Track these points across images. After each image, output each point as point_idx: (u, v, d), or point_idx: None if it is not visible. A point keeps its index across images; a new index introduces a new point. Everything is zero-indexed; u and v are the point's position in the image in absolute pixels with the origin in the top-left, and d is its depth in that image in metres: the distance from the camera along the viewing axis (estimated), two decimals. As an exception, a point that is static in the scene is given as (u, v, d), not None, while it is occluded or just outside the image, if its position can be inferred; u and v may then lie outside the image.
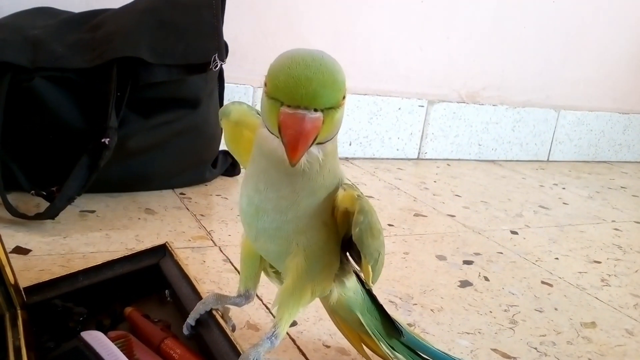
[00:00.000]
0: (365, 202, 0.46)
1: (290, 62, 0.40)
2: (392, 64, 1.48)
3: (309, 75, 0.39)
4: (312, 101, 0.39)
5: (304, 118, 0.39)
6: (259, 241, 0.49)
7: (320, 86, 0.39)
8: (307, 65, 0.39)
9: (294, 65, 0.39)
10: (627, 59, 1.86)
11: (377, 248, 0.47)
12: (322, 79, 0.39)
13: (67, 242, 0.78)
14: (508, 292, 0.81)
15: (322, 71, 0.39)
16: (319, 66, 0.39)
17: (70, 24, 0.97)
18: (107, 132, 0.86)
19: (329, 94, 0.39)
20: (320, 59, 0.40)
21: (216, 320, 0.51)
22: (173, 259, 0.60)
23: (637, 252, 1.06)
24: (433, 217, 1.10)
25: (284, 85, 0.39)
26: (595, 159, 1.91)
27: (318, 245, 0.47)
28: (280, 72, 0.39)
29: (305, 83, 0.39)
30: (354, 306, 0.54)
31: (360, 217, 0.45)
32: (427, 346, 0.57)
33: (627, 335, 0.74)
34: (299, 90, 0.39)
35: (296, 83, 0.39)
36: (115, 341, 0.50)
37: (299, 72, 0.39)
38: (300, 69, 0.39)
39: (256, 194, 0.46)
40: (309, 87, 0.39)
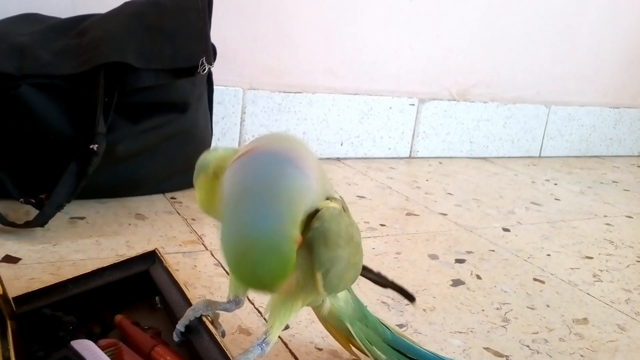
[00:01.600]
0: (329, 211, 0.45)
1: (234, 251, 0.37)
2: (383, 63, 1.49)
3: (256, 272, 0.36)
4: (264, 289, 0.38)
5: None
6: None
7: (268, 282, 0.37)
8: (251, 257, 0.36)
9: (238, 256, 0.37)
10: (617, 54, 1.87)
11: (330, 259, 0.45)
12: (269, 276, 0.37)
13: (57, 249, 0.77)
14: (500, 290, 0.81)
15: (267, 265, 0.36)
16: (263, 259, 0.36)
17: (56, 30, 0.96)
18: (95, 138, 0.85)
19: (280, 279, 0.37)
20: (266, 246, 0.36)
21: (206, 326, 0.51)
22: (163, 265, 0.60)
23: (629, 247, 1.07)
24: (425, 216, 1.10)
25: (235, 272, 0.38)
26: (586, 154, 1.92)
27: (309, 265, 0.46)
28: (230, 259, 0.37)
29: (251, 278, 0.37)
30: (343, 316, 0.54)
31: (316, 222, 0.44)
32: (416, 348, 0.57)
33: (619, 331, 0.74)
34: (248, 283, 0.38)
35: (244, 275, 0.37)
36: (106, 349, 0.50)
37: (245, 271, 0.37)
38: (243, 261, 0.36)
39: None
40: (257, 282, 0.37)
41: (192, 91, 0.99)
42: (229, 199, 0.38)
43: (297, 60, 1.38)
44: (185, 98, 0.98)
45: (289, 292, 0.48)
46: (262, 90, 1.33)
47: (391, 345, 0.56)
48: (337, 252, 0.46)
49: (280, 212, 0.37)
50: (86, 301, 0.58)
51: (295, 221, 0.38)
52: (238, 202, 0.38)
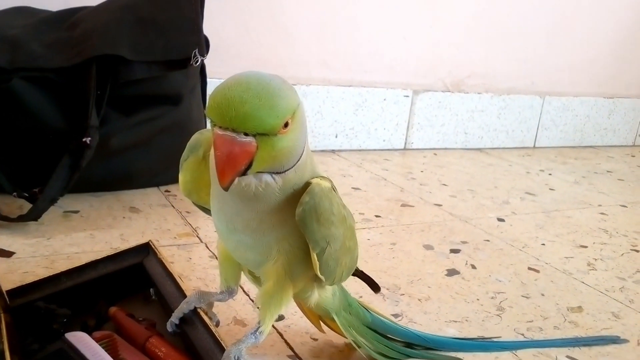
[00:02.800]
0: (319, 186, 0.44)
1: (232, 82, 0.38)
2: (377, 54, 1.48)
3: (244, 97, 0.37)
4: (241, 124, 0.37)
5: (232, 141, 0.37)
6: (238, 251, 0.49)
7: (254, 109, 0.37)
8: (247, 87, 0.37)
9: (234, 86, 0.38)
10: (611, 44, 1.87)
11: (324, 236, 0.45)
12: (257, 103, 0.37)
13: (51, 243, 0.77)
14: (495, 280, 0.81)
15: (261, 95, 0.37)
16: (258, 89, 0.37)
17: (48, 23, 0.96)
18: (88, 131, 0.85)
19: (262, 119, 0.37)
20: (265, 83, 0.38)
21: (200, 317, 0.51)
22: (157, 257, 0.60)
23: (623, 236, 1.07)
24: (420, 206, 1.10)
25: (217, 105, 0.37)
26: (581, 144, 1.92)
27: (300, 249, 0.47)
28: (218, 92, 0.38)
29: (237, 105, 0.37)
30: (329, 307, 0.55)
31: (306, 197, 0.43)
32: (392, 325, 0.59)
33: (613, 319, 0.74)
34: (229, 111, 0.37)
35: (228, 104, 0.37)
36: (100, 341, 0.50)
37: (234, 93, 0.37)
38: (237, 90, 0.37)
39: (224, 215, 0.46)
40: (240, 109, 0.37)
41: (185, 83, 0.98)
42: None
43: (291, 52, 1.37)
44: (178, 90, 0.98)
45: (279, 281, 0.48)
46: (256, 82, 1.32)
47: (371, 327, 0.58)
48: (330, 230, 0.45)
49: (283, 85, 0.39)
50: (80, 294, 0.57)
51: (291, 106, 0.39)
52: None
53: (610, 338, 0.69)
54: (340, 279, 0.52)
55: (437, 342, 0.61)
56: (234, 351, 0.46)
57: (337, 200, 0.47)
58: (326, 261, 0.46)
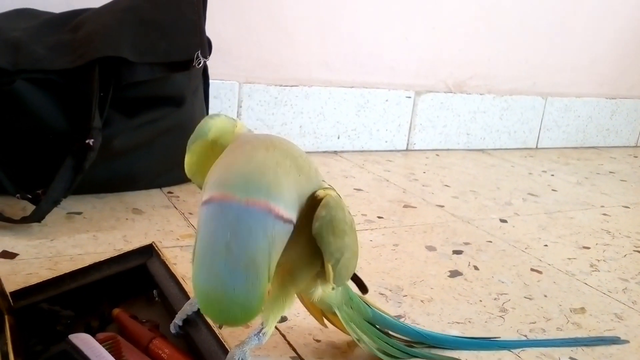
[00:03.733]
0: (333, 198, 0.44)
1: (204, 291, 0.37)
2: (378, 55, 1.48)
3: (222, 310, 0.37)
4: (233, 324, 0.39)
5: None
6: None
7: (233, 320, 0.38)
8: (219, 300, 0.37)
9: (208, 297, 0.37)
10: (613, 44, 1.87)
11: (339, 248, 0.45)
12: (235, 316, 0.37)
13: (55, 244, 0.77)
14: (498, 281, 0.81)
15: (234, 310, 0.37)
16: (231, 303, 0.37)
17: (51, 25, 0.96)
18: (91, 132, 0.85)
19: (242, 320, 0.38)
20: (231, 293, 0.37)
21: (204, 318, 0.51)
22: (160, 258, 0.60)
23: (626, 237, 1.07)
24: (422, 208, 1.10)
25: (205, 308, 0.38)
26: (583, 145, 1.92)
27: (302, 255, 0.47)
28: (198, 296, 0.38)
29: (221, 315, 0.38)
30: (332, 302, 0.55)
31: (323, 211, 0.43)
32: (392, 321, 0.60)
33: (616, 320, 0.74)
34: (217, 318, 0.39)
35: (214, 313, 0.38)
36: (104, 343, 0.50)
37: (213, 309, 0.38)
38: (215, 305, 0.37)
39: None
40: (227, 318, 0.38)
41: (187, 85, 0.99)
42: (202, 244, 0.38)
43: (293, 54, 1.38)
44: (181, 92, 0.98)
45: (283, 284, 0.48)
46: (258, 83, 1.32)
47: (371, 322, 0.59)
48: (344, 240, 0.46)
49: (254, 274, 0.37)
50: (84, 295, 0.58)
51: (267, 277, 0.38)
52: (212, 252, 0.37)
53: (611, 339, 0.69)
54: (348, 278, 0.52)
55: (436, 339, 0.62)
56: (238, 353, 0.46)
57: (346, 208, 0.47)
58: (339, 271, 0.47)
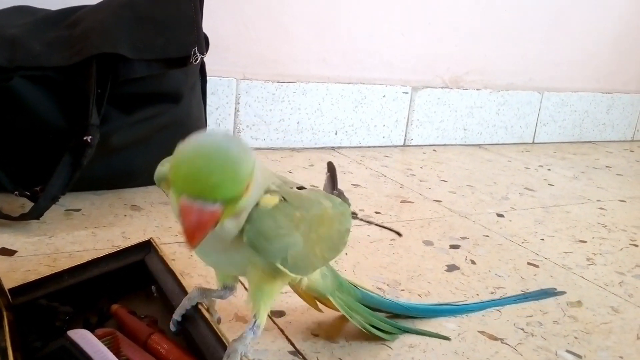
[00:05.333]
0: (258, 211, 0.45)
1: (193, 153, 0.39)
2: (375, 51, 1.48)
3: (210, 168, 0.38)
4: (210, 194, 0.38)
5: (202, 211, 0.38)
6: (218, 268, 0.54)
7: (221, 180, 0.38)
8: (209, 157, 0.39)
9: (196, 158, 0.39)
10: (609, 39, 1.87)
11: (279, 249, 0.46)
12: (223, 174, 0.39)
13: (53, 241, 0.77)
14: (495, 275, 0.82)
15: (224, 165, 0.39)
16: (221, 159, 0.39)
17: (48, 21, 0.96)
18: (88, 129, 0.85)
19: (229, 187, 0.39)
20: (224, 152, 0.39)
21: (202, 314, 0.51)
22: (158, 254, 0.60)
23: (622, 230, 1.07)
24: (419, 203, 1.11)
25: (184, 177, 0.38)
26: (580, 140, 1.92)
27: None
28: (182, 163, 0.39)
29: (205, 177, 0.38)
30: (323, 289, 0.57)
31: (247, 225, 0.45)
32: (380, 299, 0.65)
33: (612, 313, 0.75)
34: (198, 183, 0.38)
35: (196, 176, 0.38)
36: (102, 339, 0.50)
37: (199, 165, 0.38)
38: (201, 162, 0.38)
39: None
40: (209, 181, 0.38)
41: (184, 81, 0.99)
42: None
43: (290, 50, 1.38)
44: (178, 88, 0.98)
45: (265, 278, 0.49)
46: (255, 80, 1.32)
47: (362, 302, 0.62)
48: (284, 241, 0.47)
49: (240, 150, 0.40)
50: (82, 291, 0.58)
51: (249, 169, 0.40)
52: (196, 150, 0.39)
53: (550, 291, 0.77)
54: (323, 263, 0.53)
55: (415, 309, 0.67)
56: (240, 347, 0.47)
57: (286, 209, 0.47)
58: (294, 264, 0.48)
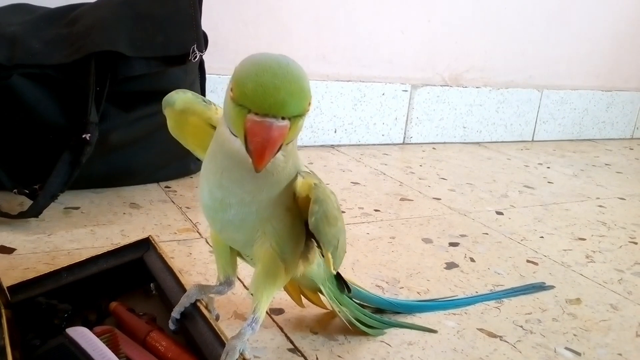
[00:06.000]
0: (321, 190, 0.46)
1: (257, 69, 0.39)
2: (375, 49, 1.48)
3: (277, 83, 0.38)
4: (280, 110, 0.38)
5: (272, 127, 0.38)
6: (225, 232, 0.50)
7: (288, 95, 0.38)
8: (275, 73, 0.38)
9: (262, 73, 0.38)
10: (609, 37, 1.87)
11: (335, 235, 0.48)
12: (290, 88, 0.38)
13: (52, 239, 0.77)
14: (494, 272, 0.82)
15: (290, 79, 0.39)
16: (286, 74, 0.39)
17: (47, 19, 0.96)
18: (87, 127, 0.85)
19: (296, 103, 0.39)
20: (287, 67, 0.39)
21: (200, 311, 0.51)
22: (157, 252, 0.60)
23: (621, 228, 1.07)
24: (419, 200, 1.11)
25: (252, 93, 0.38)
26: (579, 137, 1.92)
27: (284, 231, 0.49)
28: (248, 79, 0.39)
29: (273, 92, 0.38)
30: (316, 279, 0.57)
31: (316, 206, 0.45)
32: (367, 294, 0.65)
33: (611, 310, 0.75)
34: (267, 99, 0.38)
35: (264, 92, 0.38)
36: (101, 336, 0.50)
37: (266, 80, 0.38)
38: (268, 77, 0.38)
39: (219, 190, 0.46)
40: (278, 96, 0.38)
41: (184, 79, 0.99)
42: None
43: (290, 48, 1.37)
44: (177, 86, 0.95)
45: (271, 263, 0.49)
46: (254, 78, 1.32)
47: (349, 297, 0.62)
48: (338, 226, 0.48)
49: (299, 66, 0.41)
50: (81, 289, 0.58)
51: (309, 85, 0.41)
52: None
53: (539, 285, 0.76)
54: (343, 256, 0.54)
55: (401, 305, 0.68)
56: (239, 344, 0.47)
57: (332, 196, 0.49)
58: (338, 254, 0.50)
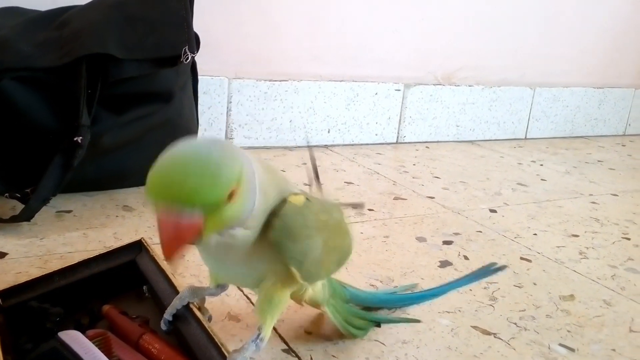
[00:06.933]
0: (293, 206, 0.45)
1: (169, 159, 0.37)
2: (367, 48, 1.48)
3: (186, 172, 0.35)
4: (187, 200, 0.35)
5: (178, 220, 0.35)
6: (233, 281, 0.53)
7: (197, 184, 0.35)
8: (186, 162, 0.36)
9: (172, 164, 0.36)
10: (601, 34, 1.87)
11: (301, 252, 0.46)
12: (200, 177, 0.36)
13: (44, 243, 0.77)
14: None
15: (201, 169, 0.36)
16: (198, 163, 0.36)
17: (37, 22, 0.95)
18: (79, 130, 0.85)
19: (207, 192, 0.36)
20: (202, 155, 0.36)
21: (193, 313, 0.51)
22: (149, 254, 0.60)
23: (614, 224, 1.08)
24: (413, 199, 1.11)
25: (157, 184, 0.36)
26: (572, 135, 1.93)
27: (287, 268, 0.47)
28: (156, 172, 0.36)
29: (180, 180, 0.35)
30: (320, 299, 0.56)
31: (277, 220, 0.44)
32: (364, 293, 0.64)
33: (605, 306, 0.75)
34: (173, 188, 0.35)
35: (169, 182, 0.35)
36: (94, 340, 0.50)
37: (175, 169, 0.36)
38: (176, 167, 0.36)
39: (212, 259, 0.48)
40: (184, 185, 0.35)
41: (175, 81, 0.98)
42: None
43: (282, 48, 1.37)
44: (169, 88, 0.97)
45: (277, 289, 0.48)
46: (247, 79, 1.32)
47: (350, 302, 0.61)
48: (305, 243, 0.46)
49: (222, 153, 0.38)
50: (73, 292, 0.58)
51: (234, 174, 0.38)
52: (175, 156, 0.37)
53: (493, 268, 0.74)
54: (327, 274, 0.53)
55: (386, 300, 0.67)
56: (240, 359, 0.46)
57: (315, 209, 0.47)
58: (307, 270, 0.47)
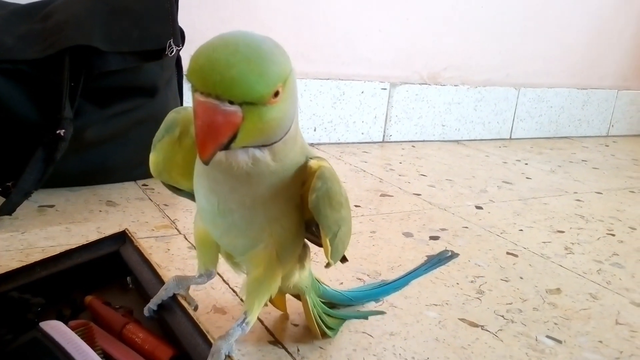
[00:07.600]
0: (328, 169, 0.43)
1: (218, 42, 0.34)
2: (353, 47, 1.48)
3: (231, 60, 0.32)
4: (226, 90, 0.32)
5: (215, 109, 0.32)
6: (227, 237, 0.46)
7: (242, 74, 0.32)
8: (235, 49, 0.33)
9: (220, 47, 0.33)
10: (585, 35, 1.89)
11: (336, 220, 0.44)
12: (246, 67, 0.32)
13: (26, 237, 0.76)
14: (474, 264, 0.82)
15: (250, 58, 0.33)
16: (248, 52, 0.33)
17: (19, 15, 0.94)
18: (62, 123, 0.83)
19: (250, 86, 0.33)
20: (256, 45, 0.33)
21: (179, 302, 0.50)
22: (133, 245, 0.59)
23: (599, 221, 1.08)
24: (399, 196, 1.11)
25: (200, 68, 0.33)
26: (556, 135, 1.94)
27: (291, 231, 0.46)
28: (202, 53, 0.33)
29: (222, 68, 0.32)
30: (305, 286, 0.54)
31: (319, 182, 0.41)
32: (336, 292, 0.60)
33: (591, 299, 0.75)
34: (213, 75, 0.32)
35: (212, 67, 0.32)
36: (76, 330, 0.49)
37: (219, 55, 0.32)
38: (223, 52, 0.33)
39: (214, 195, 0.43)
40: (226, 74, 0.32)
41: (160, 75, 0.97)
42: None
43: (268, 46, 1.37)
44: (153, 82, 0.96)
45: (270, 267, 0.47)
46: (232, 76, 1.31)
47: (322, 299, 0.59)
48: (341, 213, 0.44)
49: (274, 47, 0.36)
50: (55, 283, 0.56)
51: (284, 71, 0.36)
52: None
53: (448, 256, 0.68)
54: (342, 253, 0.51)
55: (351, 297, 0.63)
56: (225, 347, 0.45)
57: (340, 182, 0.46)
58: (336, 245, 0.45)
